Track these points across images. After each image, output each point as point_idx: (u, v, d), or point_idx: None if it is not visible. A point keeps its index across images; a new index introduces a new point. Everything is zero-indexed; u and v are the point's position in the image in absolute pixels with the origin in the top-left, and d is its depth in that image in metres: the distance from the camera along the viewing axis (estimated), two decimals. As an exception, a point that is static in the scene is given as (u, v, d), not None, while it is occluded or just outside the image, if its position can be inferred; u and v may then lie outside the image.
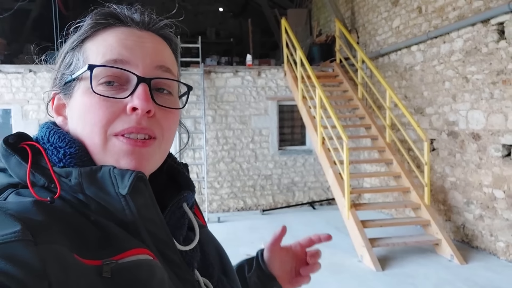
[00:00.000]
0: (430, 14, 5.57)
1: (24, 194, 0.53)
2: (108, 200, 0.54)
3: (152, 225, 0.56)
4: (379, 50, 6.89)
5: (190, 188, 0.67)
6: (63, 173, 0.54)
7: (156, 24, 0.63)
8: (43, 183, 0.54)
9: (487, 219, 4.74)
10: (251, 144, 7.46)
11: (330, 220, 6.44)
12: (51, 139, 0.58)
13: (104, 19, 0.60)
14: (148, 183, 0.56)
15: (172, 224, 0.61)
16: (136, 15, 0.62)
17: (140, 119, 0.56)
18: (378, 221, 5.06)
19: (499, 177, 4.52)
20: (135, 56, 0.58)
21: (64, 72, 0.61)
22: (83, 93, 0.57)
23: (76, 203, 0.54)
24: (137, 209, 0.54)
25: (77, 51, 0.60)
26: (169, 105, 0.60)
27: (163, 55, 0.61)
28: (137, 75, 0.57)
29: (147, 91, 0.56)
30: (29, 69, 6.58)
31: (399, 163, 5.60)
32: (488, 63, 4.60)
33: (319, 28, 9.83)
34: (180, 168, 0.69)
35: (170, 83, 0.61)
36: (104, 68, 0.56)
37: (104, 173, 0.54)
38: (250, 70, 7.44)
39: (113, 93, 0.56)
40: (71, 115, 0.60)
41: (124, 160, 0.56)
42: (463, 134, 5.05)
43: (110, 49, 0.58)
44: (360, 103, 6.66)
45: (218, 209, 7.38)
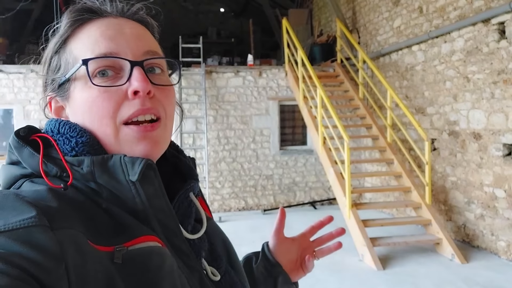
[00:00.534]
0: (431, 14, 5.58)
1: (38, 182, 0.55)
2: (119, 188, 0.56)
3: (161, 214, 0.58)
4: (380, 50, 6.90)
5: (194, 178, 0.68)
6: (75, 162, 0.56)
7: (129, 10, 0.65)
8: (55, 173, 0.56)
9: (488, 219, 4.75)
10: (252, 144, 7.47)
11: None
12: (61, 130, 0.59)
13: (80, 15, 0.61)
14: (157, 172, 0.58)
15: (180, 214, 0.63)
16: (108, 5, 0.63)
17: (143, 100, 0.58)
18: (379, 221, 5.07)
19: (500, 177, 4.53)
20: (121, 45, 0.59)
21: (54, 76, 0.62)
22: (81, 89, 0.59)
23: (88, 191, 0.56)
24: (147, 197, 0.56)
25: (62, 53, 0.61)
26: (164, 82, 0.62)
27: (146, 39, 0.63)
28: (130, 60, 0.58)
29: (142, 73, 0.58)
30: (30, 69, 6.60)
31: (400, 163, 5.60)
32: (489, 63, 4.60)
33: (320, 28, 9.84)
34: (182, 157, 0.70)
35: (160, 61, 0.63)
36: (96, 61, 0.58)
37: (115, 161, 0.55)
38: (251, 70, 7.45)
39: (111, 82, 0.58)
40: (73, 114, 0.61)
41: (138, 147, 0.58)
42: (464, 134, 5.06)
43: (96, 43, 0.59)
44: (361, 103, 6.67)
45: (220, 209, 7.39)
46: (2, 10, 8.13)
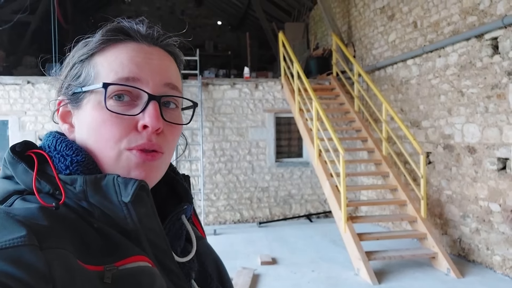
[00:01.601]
0: (426, 28, 5.64)
1: (30, 200, 0.55)
2: (111, 208, 0.56)
3: (152, 234, 0.58)
4: (375, 63, 6.95)
5: (189, 200, 0.69)
6: (68, 180, 0.56)
7: (163, 40, 0.65)
8: (48, 190, 0.56)
9: (483, 233, 4.74)
10: (248, 156, 7.47)
11: (327, 233, 6.42)
12: (58, 147, 0.60)
13: (114, 35, 0.62)
14: (150, 193, 0.58)
15: (171, 235, 0.64)
16: (143, 30, 0.64)
17: (150, 136, 0.59)
18: (374, 234, 5.05)
19: (494, 191, 4.53)
20: (145, 73, 0.60)
21: (72, 82, 0.62)
22: (94, 107, 0.59)
23: (80, 210, 0.56)
24: (138, 217, 0.56)
25: (86, 64, 0.62)
26: (175, 120, 0.63)
27: (170, 72, 0.64)
28: (148, 93, 0.59)
29: (157, 109, 0.59)
30: (27, 80, 6.60)
31: (395, 176, 5.61)
32: (482, 77, 4.64)
33: (316, 41, 9.93)
34: (179, 178, 0.71)
35: (176, 98, 0.64)
36: (117, 86, 0.59)
37: (108, 181, 0.56)
38: (248, 83, 7.48)
39: (124, 109, 0.59)
40: (79, 126, 0.62)
41: (134, 172, 0.58)
42: (459, 148, 5.08)
43: (122, 66, 0.60)
44: (356, 116, 6.69)
45: (215, 222, 7.35)
46: (0, 22, 8.16)
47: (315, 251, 5.55)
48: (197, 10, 14.03)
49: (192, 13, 13.99)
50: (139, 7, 13.09)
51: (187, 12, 13.95)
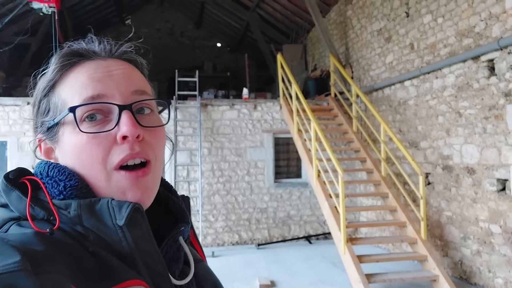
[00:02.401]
0: (422, 50, 5.71)
1: (25, 225, 0.55)
2: (106, 232, 0.55)
3: (148, 257, 0.57)
4: (373, 84, 7.01)
5: (186, 221, 0.67)
6: (62, 205, 0.56)
7: (117, 50, 0.65)
8: (42, 216, 0.56)
9: (484, 255, 4.68)
10: (246, 176, 7.44)
11: (326, 254, 6.34)
12: (50, 173, 0.59)
13: (68, 59, 0.62)
14: (145, 215, 0.58)
15: (168, 258, 0.62)
16: (96, 46, 0.64)
17: (132, 144, 0.58)
18: (374, 256, 4.99)
19: (495, 212, 4.50)
20: (109, 87, 0.60)
21: (43, 119, 0.62)
22: (70, 134, 0.59)
23: (75, 234, 0.55)
24: (133, 240, 0.55)
25: (51, 96, 0.62)
26: (153, 123, 0.62)
27: (134, 78, 0.63)
28: (117, 104, 0.59)
29: (131, 117, 0.58)
30: (27, 101, 6.62)
31: (394, 197, 5.57)
32: (480, 98, 4.67)
33: (314, 63, 10.03)
34: (175, 197, 0.70)
35: (149, 102, 0.63)
36: (85, 106, 0.58)
37: (102, 204, 0.55)
38: (246, 103, 7.52)
39: (99, 127, 0.58)
40: (62, 157, 0.61)
41: (130, 193, 0.58)
42: (458, 168, 5.07)
43: (84, 87, 0.59)
44: (355, 136, 6.70)
45: (213, 243, 7.26)
46: (0, 43, 8.24)
47: (314, 273, 5.47)
48: (196, 32, 14.21)
49: (191, 35, 14.17)
50: (139, 29, 13.26)
51: (186, 34, 14.13)
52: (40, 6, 6.33)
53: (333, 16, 8.87)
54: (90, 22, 11.80)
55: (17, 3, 7.53)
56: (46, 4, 6.28)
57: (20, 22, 8.42)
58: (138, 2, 13.08)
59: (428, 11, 5.54)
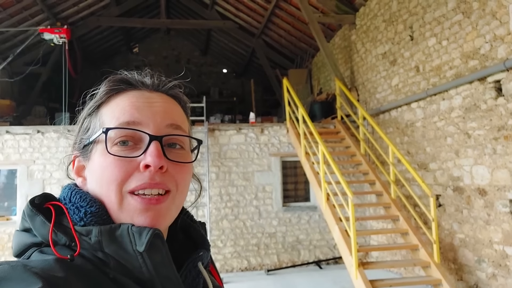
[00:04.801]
0: (428, 72, 5.75)
1: (47, 252, 0.56)
2: (126, 258, 0.56)
3: (168, 283, 0.57)
4: (379, 107, 7.03)
5: (205, 247, 0.68)
6: (84, 232, 0.57)
7: (165, 85, 0.68)
8: (64, 242, 0.57)
9: (500, 278, 4.57)
10: (254, 200, 7.40)
11: (337, 280, 6.22)
12: (72, 199, 0.61)
13: (117, 85, 0.65)
14: (164, 241, 0.58)
15: (188, 283, 0.63)
16: (146, 79, 0.67)
17: (153, 175, 0.59)
18: (387, 281, 4.88)
19: (509, 234, 4.42)
20: (146, 117, 0.61)
21: (83, 136, 0.65)
22: (100, 154, 0.61)
23: (95, 261, 0.56)
24: (153, 266, 0.56)
25: (93, 117, 0.65)
26: (181, 159, 0.63)
27: (173, 113, 0.65)
28: (149, 133, 0.60)
29: (158, 148, 0.60)
30: (37, 130, 6.71)
31: (405, 220, 5.50)
32: (488, 119, 4.66)
33: (320, 86, 10.11)
34: (196, 225, 0.71)
35: (181, 138, 0.64)
36: (119, 130, 0.60)
37: (122, 231, 0.56)
38: (253, 127, 7.56)
39: (127, 152, 0.60)
40: (90, 176, 0.63)
41: (138, 218, 0.58)
42: (469, 190, 5.01)
43: (123, 112, 0.62)
44: (363, 159, 6.68)
45: (221, 270, 7.16)
46: (11, 73, 8.42)
47: (326, 299, 5.36)
48: (202, 59, 14.43)
49: (198, 62, 14.39)
50: (146, 57, 13.50)
51: (193, 61, 14.35)
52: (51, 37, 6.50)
53: (337, 41, 8.99)
54: (99, 51, 12.06)
55: (28, 34, 7.73)
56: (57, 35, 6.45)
57: (31, 53, 8.62)
58: (146, 31, 13.37)
59: (432, 34, 5.61)
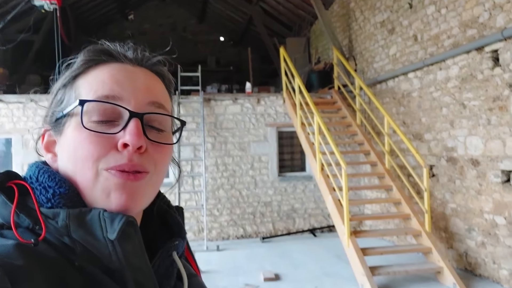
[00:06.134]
0: (426, 42, 5.66)
1: (7, 236, 0.51)
2: (95, 245, 0.52)
3: (139, 273, 0.54)
4: (376, 77, 6.97)
5: (181, 235, 0.65)
6: (50, 214, 0.52)
7: (149, 60, 0.63)
8: (27, 225, 0.52)
9: (489, 246, 4.67)
10: (250, 170, 7.45)
11: (331, 248, 6.35)
12: (40, 178, 0.56)
13: (97, 56, 0.60)
14: (138, 229, 0.54)
15: (160, 273, 0.59)
16: (129, 52, 0.62)
17: (131, 155, 0.55)
18: (378, 249, 4.99)
19: (499, 204, 4.48)
20: (127, 91, 0.57)
21: (55, 109, 0.60)
22: (74, 128, 0.56)
23: (60, 246, 0.52)
24: (124, 256, 0.52)
25: (68, 88, 0.60)
26: (162, 140, 0.59)
27: (156, 90, 0.61)
28: (129, 110, 0.56)
29: (139, 127, 0.55)
30: (30, 98, 6.66)
31: (399, 190, 5.56)
32: (484, 90, 4.63)
33: (318, 55, 9.98)
34: (173, 211, 0.67)
35: (163, 118, 0.60)
36: (96, 103, 0.56)
37: (93, 215, 0.52)
38: (250, 98, 7.51)
39: (105, 128, 0.55)
40: (61, 152, 0.59)
41: (114, 194, 0.54)
42: (462, 160, 5.04)
43: (102, 84, 0.57)
44: (358, 129, 6.68)
45: (218, 237, 7.29)
46: (3, 41, 8.27)
47: (319, 266, 5.49)
48: (199, 27, 14.16)
49: (194, 30, 14.13)
50: (142, 25, 13.24)
51: (189, 29, 14.09)
52: (42, 3, 6.33)
53: (336, 9, 8.81)
54: (93, 19, 11.81)
55: (20, 0, 7.54)
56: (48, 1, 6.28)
57: (22, 20, 8.44)
58: (140, -2, 13.05)
59: (431, 1, 5.48)
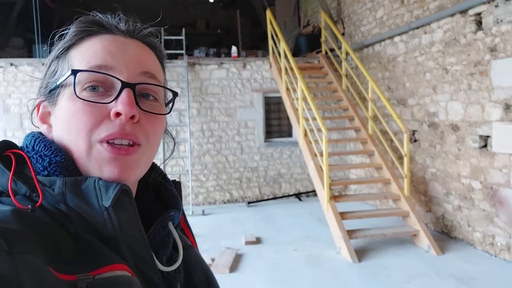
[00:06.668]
0: (412, 4, 5.53)
1: (4, 202, 0.52)
2: (90, 212, 0.53)
3: (133, 242, 0.55)
4: (363, 40, 6.85)
5: (177, 207, 0.66)
6: (47, 182, 0.54)
7: (140, 32, 0.64)
8: (24, 192, 0.53)
9: (465, 210, 4.76)
10: (237, 136, 7.45)
11: (314, 211, 6.46)
12: (36, 147, 0.57)
13: (88, 27, 0.61)
14: (132, 198, 0.56)
15: (156, 243, 0.61)
16: (121, 24, 0.63)
17: (123, 124, 0.56)
18: (357, 213, 5.08)
19: (476, 168, 4.53)
20: (119, 62, 0.58)
21: (49, 80, 0.61)
22: (67, 99, 0.57)
23: (56, 213, 0.53)
24: (119, 223, 0.53)
25: (62, 59, 0.61)
26: (154, 110, 0.60)
27: (148, 61, 0.62)
28: (121, 80, 0.57)
29: (131, 96, 0.56)
30: (10, 62, 6.53)
31: (380, 155, 5.60)
32: (466, 54, 4.58)
33: (307, 18, 9.77)
34: (169, 184, 0.68)
35: (155, 89, 0.61)
36: (88, 73, 0.57)
37: (89, 184, 0.53)
38: (235, 62, 7.40)
39: (97, 98, 0.56)
40: (55, 123, 0.60)
41: (106, 167, 0.55)
42: (443, 125, 5.05)
43: (94, 55, 0.58)
44: (344, 95, 6.64)
45: (204, 202, 7.39)
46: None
47: (300, 230, 5.60)
48: (188, -12, 13.74)
49: (183, -9, 13.71)
50: (129, -14, 12.83)
51: (178, -10, 13.67)
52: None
53: (325, -31, 8.53)
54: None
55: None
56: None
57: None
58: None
59: (418, -38, 5.32)
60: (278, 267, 4.31)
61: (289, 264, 4.38)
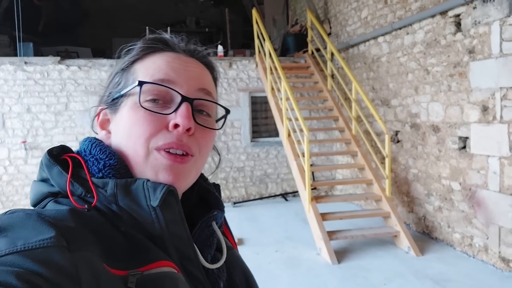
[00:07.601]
0: (395, 4, 5.53)
1: (62, 202, 0.57)
2: (140, 212, 0.57)
3: (179, 241, 0.58)
4: (349, 40, 6.84)
5: (220, 208, 0.70)
6: (100, 184, 0.58)
7: (200, 53, 0.69)
8: (80, 193, 0.58)
9: (445, 211, 4.78)
10: (222, 136, 7.43)
11: (299, 212, 6.46)
12: (92, 151, 0.62)
13: (154, 44, 0.66)
14: (178, 199, 0.59)
15: (201, 242, 0.65)
16: (181, 44, 0.68)
17: (180, 135, 0.60)
18: (338, 214, 5.08)
19: (455, 169, 4.54)
20: (180, 78, 0.63)
21: (112, 90, 0.66)
22: (130, 108, 0.62)
23: (109, 213, 0.57)
24: (165, 223, 0.57)
25: (126, 72, 0.66)
26: (208, 125, 0.65)
27: (205, 80, 0.67)
28: (182, 94, 0.62)
29: (189, 110, 0.61)
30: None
31: (363, 155, 5.60)
32: (446, 55, 4.58)
33: (296, 17, 9.74)
34: (211, 188, 0.73)
35: (209, 105, 0.66)
36: (152, 85, 0.61)
37: (138, 185, 0.57)
38: (221, 61, 7.37)
39: (158, 109, 0.61)
40: (115, 129, 0.64)
41: (162, 174, 0.59)
42: (424, 126, 5.06)
43: (159, 70, 0.63)
44: (329, 95, 6.63)
45: (190, 202, 7.36)
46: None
47: (283, 230, 5.60)
48: (179, -15, 13.66)
49: (174, -11, 13.64)
50: (118, -17, 12.73)
51: (168, -12, 13.59)
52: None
53: (313, -32, 8.50)
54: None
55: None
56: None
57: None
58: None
59: (401, -38, 5.31)
60: (257, 269, 4.28)
61: (268, 266, 4.38)
